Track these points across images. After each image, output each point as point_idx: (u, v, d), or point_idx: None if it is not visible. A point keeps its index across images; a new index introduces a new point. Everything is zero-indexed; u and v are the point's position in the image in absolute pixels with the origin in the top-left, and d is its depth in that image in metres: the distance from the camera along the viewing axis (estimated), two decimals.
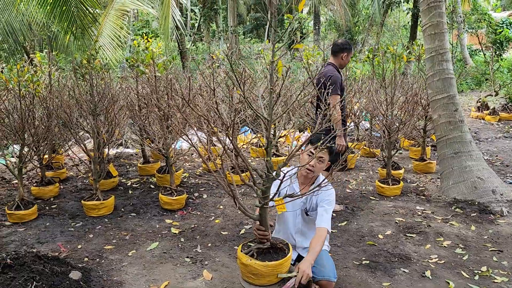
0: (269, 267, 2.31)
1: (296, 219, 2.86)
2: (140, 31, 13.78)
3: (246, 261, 2.34)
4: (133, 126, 5.89)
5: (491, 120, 9.46)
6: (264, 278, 2.32)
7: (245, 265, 2.35)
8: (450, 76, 5.13)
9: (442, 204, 4.70)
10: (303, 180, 2.84)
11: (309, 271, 2.31)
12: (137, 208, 4.78)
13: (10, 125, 4.57)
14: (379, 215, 4.43)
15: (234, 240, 3.92)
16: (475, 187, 4.72)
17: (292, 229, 2.87)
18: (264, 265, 2.31)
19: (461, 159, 4.92)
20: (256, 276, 2.33)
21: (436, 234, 3.94)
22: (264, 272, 2.31)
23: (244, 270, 2.38)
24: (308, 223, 2.85)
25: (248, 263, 2.33)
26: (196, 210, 4.71)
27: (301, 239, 2.87)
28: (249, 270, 2.34)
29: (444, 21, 5.17)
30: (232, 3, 20.35)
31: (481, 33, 19.72)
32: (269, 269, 2.31)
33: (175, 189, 4.76)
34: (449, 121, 5.05)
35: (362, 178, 5.81)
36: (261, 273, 2.31)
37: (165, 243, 3.85)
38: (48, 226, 4.31)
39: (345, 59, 4.28)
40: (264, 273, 2.31)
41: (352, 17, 21.91)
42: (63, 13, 6.22)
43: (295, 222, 2.86)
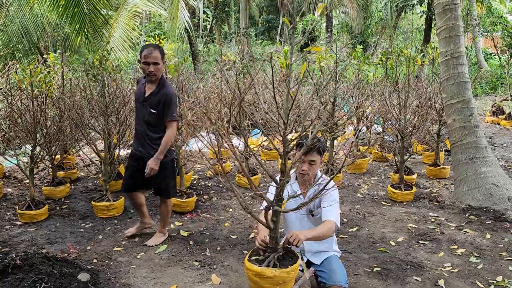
0: (293, 271, 2.33)
1: (302, 222, 2.80)
2: (152, 32, 13.86)
3: (272, 273, 2.30)
4: None
5: (506, 125, 9.29)
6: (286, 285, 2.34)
7: (271, 277, 2.30)
8: (465, 80, 5.03)
9: (456, 210, 4.61)
10: (301, 182, 2.79)
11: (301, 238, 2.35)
12: None
13: (22, 125, 4.60)
14: (391, 221, 4.36)
15: (243, 244, 3.88)
16: (490, 194, 4.62)
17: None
18: (289, 270, 2.33)
19: (476, 165, 4.82)
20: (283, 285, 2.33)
21: (449, 241, 3.86)
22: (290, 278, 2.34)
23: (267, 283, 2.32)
24: (315, 225, 2.78)
25: (275, 274, 2.30)
26: (206, 213, 4.68)
27: (309, 243, 2.79)
28: (274, 282, 2.31)
29: (460, 24, 5.08)
30: (245, 5, 20.36)
31: (497, 36, 19.45)
32: (293, 274, 2.36)
33: (184, 191, 4.74)
34: (464, 126, 4.95)
35: (373, 183, 5.73)
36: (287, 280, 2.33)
37: (174, 246, 3.82)
38: (58, 226, 4.32)
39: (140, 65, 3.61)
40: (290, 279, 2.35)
41: (364, 19, 21.77)
42: (75, 14, 6.27)
43: (302, 226, 2.80)
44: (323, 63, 5.83)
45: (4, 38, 7.86)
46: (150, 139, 3.64)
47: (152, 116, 3.58)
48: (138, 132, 3.70)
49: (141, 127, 3.66)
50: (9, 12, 7.81)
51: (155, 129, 3.63)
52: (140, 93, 3.65)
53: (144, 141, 3.64)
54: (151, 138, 3.64)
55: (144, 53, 3.45)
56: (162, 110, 3.56)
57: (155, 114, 3.58)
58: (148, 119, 3.60)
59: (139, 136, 3.69)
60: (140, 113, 3.66)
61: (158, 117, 3.58)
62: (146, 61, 3.46)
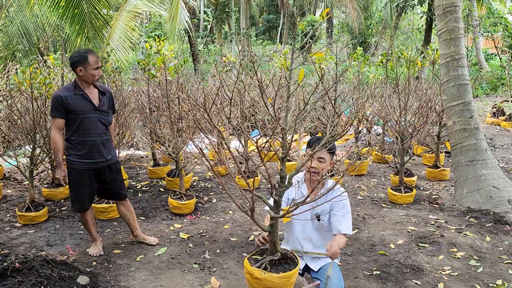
0: (284, 278, 2.27)
1: (305, 225, 2.77)
2: (152, 33, 13.86)
3: (260, 275, 2.28)
4: (144, 128, 5.88)
5: (507, 126, 9.28)
6: None
7: (259, 279, 2.29)
8: (465, 82, 5.03)
9: (456, 213, 4.60)
10: (310, 184, 2.78)
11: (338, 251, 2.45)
12: (146, 212, 4.77)
13: (22, 126, 4.60)
14: (390, 224, 4.35)
15: (243, 246, 3.88)
16: (490, 196, 4.61)
17: (300, 235, 2.80)
18: (279, 276, 2.27)
19: (476, 167, 4.82)
20: None
21: (449, 244, 3.85)
22: (279, 285, 2.27)
23: (257, 285, 2.32)
24: (319, 230, 2.77)
25: (263, 277, 2.28)
26: (205, 215, 4.68)
27: (309, 247, 2.78)
28: (263, 284, 2.28)
29: (460, 26, 5.07)
30: (245, 5, 20.35)
31: (497, 37, 19.43)
32: (284, 280, 2.28)
33: (184, 193, 4.74)
34: (464, 128, 4.94)
35: (373, 185, 5.73)
36: (276, 285, 2.27)
37: (174, 249, 3.82)
38: (57, 228, 4.31)
39: (84, 73, 3.36)
40: (279, 285, 2.27)
41: (365, 20, 21.76)
42: (75, 15, 6.27)
43: (304, 228, 2.78)
44: (323, 65, 5.82)
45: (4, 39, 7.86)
46: (106, 141, 3.59)
47: (108, 116, 3.59)
48: (92, 144, 3.47)
49: (96, 137, 3.49)
50: (9, 13, 7.81)
51: (108, 128, 3.65)
52: (84, 104, 3.41)
53: (102, 147, 3.53)
54: (107, 140, 3.61)
55: (95, 59, 3.41)
56: (110, 106, 3.66)
57: (110, 113, 3.63)
58: (105, 123, 3.56)
59: (94, 148, 3.48)
60: (92, 123, 3.46)
61: (111, 114, 3.65)
62: (98, 66, 3.45)
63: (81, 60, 3.36)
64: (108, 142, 3.62)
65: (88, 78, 3.41)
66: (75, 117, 3.42)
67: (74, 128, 3.45)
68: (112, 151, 3.68)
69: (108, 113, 3.59)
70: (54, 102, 3.39)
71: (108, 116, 3.58)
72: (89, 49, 3.57)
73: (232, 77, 6.64)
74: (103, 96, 3.56)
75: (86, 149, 3.47)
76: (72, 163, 3.49)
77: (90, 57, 3.37)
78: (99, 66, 3.47)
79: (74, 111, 3.40)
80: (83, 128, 3.45)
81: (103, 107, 3.53)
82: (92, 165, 3.52)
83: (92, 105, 3.47)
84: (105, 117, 3.55)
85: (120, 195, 3.79)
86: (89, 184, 3.56)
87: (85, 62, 3.36)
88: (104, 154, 3.56)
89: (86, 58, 3.35)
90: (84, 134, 3.46)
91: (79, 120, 3.43)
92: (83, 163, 3.48)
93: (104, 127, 3.56)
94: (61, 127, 3.46)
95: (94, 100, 3.49)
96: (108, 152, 3.60)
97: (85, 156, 3.47)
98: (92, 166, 3.52)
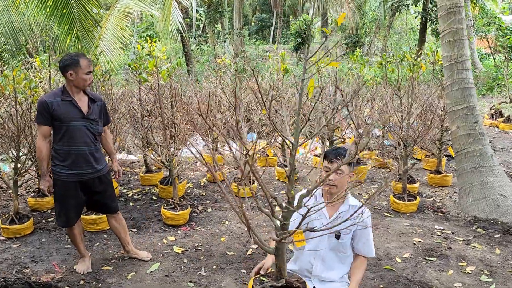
0: None
1: (320, 242, 2.49)
2: (144, 33, 13.56)
3: None
4: (135, 134, 5.63)
5: (505, 128, 9.15)
6: None
7: None
8: (470, 86, 4.86)
9: (462, 223, 4.42)
10: (328, 198, 2.56)
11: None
12: (138, 223, 4.53)
13: (5, 134, 4.33)
14: (395, 235, 4.16)
15: (241, 261, 3.66)
16: (498, 205, 4.44)
17: (312, 253, 2.51)
18: None
19: (482, 174, 4.64)
20: None
21: (458, 258, 3.67)
22: None
23: None
24: (334, 250, 2.50)
25: None
26: (201, 226, 4.46)
27: (320, 267, 2.51)
28: None
29: (464, 28, 4.90)
30: (238, 4, 20.11)
31: (491, 36, 19.39)
32: None
33: (178, 203, 4.50)
34: (468, 133, 4.77)
35: (374, 192, 5.52)
36: None
37: (167, 264, 3.59)
38: (43, 242, 4.06)
39: (74, 77, 3.14)
40: None
41: (359, 19, 21.63)
42: (63, 15, 6.00)
43: (318, 245, 2.50)
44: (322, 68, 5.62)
45: None
46: (95, 151, 3.33)
47: (97, 126, 3.33)
48: (79, 154, 3.22)
49: (83, 146, 3.24)
50: None
51: (98, 138, 3.40)
52: (71, 111, 3.17)
53: (90, 158, 3.27)
54: (96, 150, 3.35)
55: (86, 63, 3.16)
56: (102, 115, 3.41)
57: (100, 122, 3.37)
58: (94, 132, 3.30)
59: (81, 158, 3.23)
60: (79, 132, 3.21)
61: (101, 124, 3.39)
62: (90, 70, 3.21)
63: (72, 63, 3.13)
64: (98, 152, 3.37)
65: (79, 83, 3.18)
66: (61, 124, 3.18)
67: (60, 136, 3.22)
68: (103, 161, 3.44)
69: (97, 122, 3.34)
70: (40, 108, 3.16)
71: (97, 125, 3.34)
72: (80, 53, 3.33)
73: (227, 80, 6.42)
74: (93, 104, 3.32)
75: (72, 159, 3.22)
76: (57, 174, 3.25)
77: (82, 60, 3.14)
78: (91, 70, 3.23)
79: (60, 118, 3.16)
80: (69, 136, 3.20)
81: (92, 116, 3.29)
82: (79, 177, 3.27)
83: (80, 112, 3.22)
84: (94, 126, 3.31)
85: (111, 208, 3.55)
86: (75, 197, 3.31)
87: (77, 66, 3.13)
88: (94, 164, 3.32)
89: (78, 62, 3.12)
90: (70, 143, 3.21)
91: (64, 128, 3.18)
92: (68, 174, 3.23)
93: (93, 136, 3.31)
94: (47, 134, 3.22)
95: (83, 108, 3.25)
96: (98, 162, 3.36)
97: (70, 166, 3.22)
98: (78, 178, 3.27)
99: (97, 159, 3.35)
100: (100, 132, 3.38)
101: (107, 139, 3.59)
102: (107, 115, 3.54)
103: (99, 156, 3.38)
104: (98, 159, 3.35)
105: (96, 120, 3.32)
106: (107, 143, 3.60)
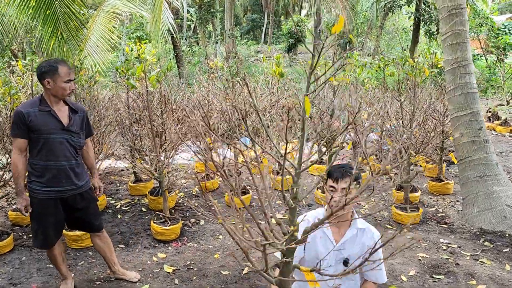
0: None
1: (327, 269, 2.27)
2: (134, 33, 13.23)
3: None
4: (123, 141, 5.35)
5: (502, 131, 9.02)
6: None
7: None
8: (473, 91, 4.66)
9: (468, 235, 4.22)
10: (335, 222, 2.32)
11: None
12: (126, 238, 4.26)
13: None
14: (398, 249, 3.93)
15: (236, 282, 3.41)
16: (505, 216, 4.24)
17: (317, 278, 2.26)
18: None
19: (487, 184, 4.45)
20: None
21: (466, 275, 3.45)
22: None
23: None
24: (342, 278, 2.28)
25: None
26: (193, 241, 4.20)
27: None
28: None
29: (467, 30, 4.71)
30: (229, 4, 19.85)
31: (482, 37, 19.34)
32: None
33: (168, 217, 4.24)
34: (472, 140, 4.57)
35: (374, 201, 5.32)
36: None
37: (157, 286, 3.34)
38: (23, 261, 3.78)
39: (52, 86, 2.86)
40: None
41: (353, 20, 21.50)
42: (47, 16, 5.70)
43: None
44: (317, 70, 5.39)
45: None
46: (76, 166, 3.05)
47: (79, 138, 3.06)
48: (58, 169, 2.95)
49: (63, 161, 2.96)
50: None
51: (79, 152, 3.12)
52: (50, 122, 2.90)
53: (71, 173, 3.00)
54: (77, 165, 3.06)
55: (67, 70, 2.87)
56: (84, 127, 3.14)
57: (82, 134, 3.10)
58: (75, 145, 3.02)
59: (61, 173, 2.96)
60: (58, 145, 2.93)
61: (82, 136, 3.12)
62: (70, 78, 2.91)
63: (49, 71, 2.85)
64: (79, 167, 3.10)
65: (57, 92, 2.90)
66: (38, 137, 2.90)
67: (37, 150, 2.94)
68: (85, 177, 3.16)
69: (79, 134, 3.06)
70: (15, 119, 2.87)
71: (78, 137, 3.06)
72: (60, 59, 3.02)
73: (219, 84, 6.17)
74: (74, 115, 3.04)
75: (51, 174, 2.94)
76: (34, 191, 2.97)
77: (61, 68, 2.86)
78: (71, 78, 2.94)
79: (37, 130, 2.88)
80: (47, 150, 2.92)
81: (73, 127, 3.01)
82: (59, 194, 2.99)
83: (59, 124, 2.95)
84: (75, 138, 3.03)
85: (95, 226, 3.28)
86: (54, 215, 3.03)
87: (54, 73, 2.84)
88: (74, 180, 3.04)
89: (56, 69, 2.84)
90: (49, 158, 2.93)
91: (42, 140, 2.90)
92: (46, 191, 2.96)
93: (74, 149, 3.04)
94: (23, 148, 2.94)
95: (63, 119, 2.98)
96: (79, 178, 3.09)
97: (49, 183, 2.95)
98: (58, 195, 2.99)
99: (78, 174, 3.07)
100: (81, 145, 3.11)
101: (88, 152, 3.31)
102: (90, 127, 3.26)
103: (81, 171, 3.10)
104: (79, 174, 3.08)
105: (78, 132, 3.04)
106: (89, 157, 3.32)
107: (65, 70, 2.88)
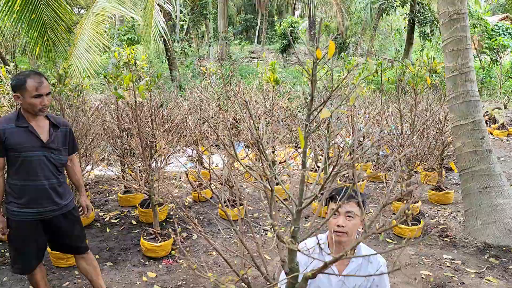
0: None
1: None
2: (124, 36, 12.97)
3: None
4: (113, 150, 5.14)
5: (499, 135, 8.90)
6: None
7: None
8: (475, 99, 4.50)
9: (472, 250, 4.06)
10: (337, 249, 2.14)
11: None
12: (115, 255, 4.05)
13: None
14: (401, 267, 3.77)
15: None
16: (509, 230, 4.09)
17: None
18: None
19: (491, 195, 4.29)
20: None
21: None
22: None
23: None
24: None
25: None
26: (185, 258, 4.00)
27: None
28: None
29: (469, 36, 4.55)
30: (223, 5, 19.64)
31: (476, 38, 19.29)
32: None
33: (159, 232, 4.04)
34: (475, 150, 4.42)
35: (373, 211, 5.15)
36: None
37: None
38: (4, 282, 3.56)
39: (22, 101, 2.66)
40: None
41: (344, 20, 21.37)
42: (32, 21, 5.46)
43: None
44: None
45: None
46: (58, 185, 2.84)
47: (60, 155, 2.84)
48: (38, 189, 2.75)
49: (43, 180, 2.75)
50: None
51: (61, 170, 2.90)
52: (28, 139, 2.70)
53: (52, 193, 2.79)
54: (59, 184, 2.85)
55: (35, 84, 2.62)
56: (67, 143, 2.93)
57: (64, 151, 2.89)
58: (56, 163, 2.81)
59: (41, 193, 2.76)
60: (37, 164, 2.73)
61: (64, 153, 2.91)
62: (39, 93, 2.65)
63: (17, 84, 2.64)
64: (61, 185, 2.88)
65: (27, 108, 2.68)
66: (16, 155, 2.68)
67: (15, 169, 2.72)
68: (68, 196, 2.95)
69: (60, 151, 2.85)
70: None
71: (60, 154, 2.84)
72: (33, 71, 2.79)
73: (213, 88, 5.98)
74: (55, 130, 2.83)
75: (30, 195, 2.73)
76: (12, 213, 2.75)
77: (29, 81, 2.62)
78: (41, 93, 2.67)
79: (14, 148, 2.67)
80: (25, 169, 2.71)
81: (54, 144, 2.80)
82: (39, 216, 2.78)
83: (38, 140, 2.73)
84: (56, 155, 2.82)
85: (80, 249, 3.07)
86: (34, 239, 2.82)
87: (21, 88, 2.62)
88: (56, 200, 2.83)
89: (23, 83, 2.61)
90: (27, 177, 2.72)
91: (20, 159, 2.69)
92: (25, 213, 2.74)
93: (55, 168, 2.83)
94: (0, 167, 2.73)
95: (42, 135, 2.76)
96: (62, 197, 2.87)
97: (28, 204, 2.73)
98: (38, 217, 2.78)
99: (61, 193, 2.86)
100: (63, 163, 2.90)
101: (74, 169, 3.10)
102: (74, 142, 3.05)
103: (63, 190, 2.89)
104: (61, 193, 2.87)
105: (59, 149, 2.83)
106: (74, 174, 3.11)
107: (33, 84, 2.62)
